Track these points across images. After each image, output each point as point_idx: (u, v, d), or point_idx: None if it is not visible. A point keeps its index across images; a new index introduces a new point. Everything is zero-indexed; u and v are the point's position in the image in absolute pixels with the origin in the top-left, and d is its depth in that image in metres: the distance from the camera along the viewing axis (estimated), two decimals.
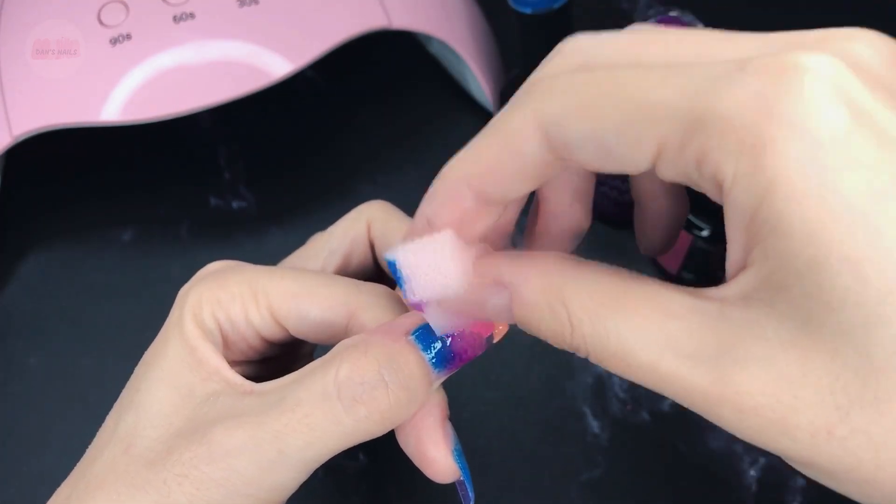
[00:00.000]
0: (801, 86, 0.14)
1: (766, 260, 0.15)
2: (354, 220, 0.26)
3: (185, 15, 0.35)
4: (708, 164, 0.15)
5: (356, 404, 0.20)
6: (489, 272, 0.19)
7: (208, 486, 0.20)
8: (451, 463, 0.21)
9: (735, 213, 0.15)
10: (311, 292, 0.23)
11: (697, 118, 0.15)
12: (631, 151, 0.16)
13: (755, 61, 0.15)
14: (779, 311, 0.15)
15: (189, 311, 0.23)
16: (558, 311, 0.18)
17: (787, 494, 0.34)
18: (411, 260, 0.19)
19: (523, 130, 0.17)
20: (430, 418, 0.21)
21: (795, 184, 0.14)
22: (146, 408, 0.22)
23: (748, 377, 0.15)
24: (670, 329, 0.16)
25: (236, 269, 0.24)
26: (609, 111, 0.16)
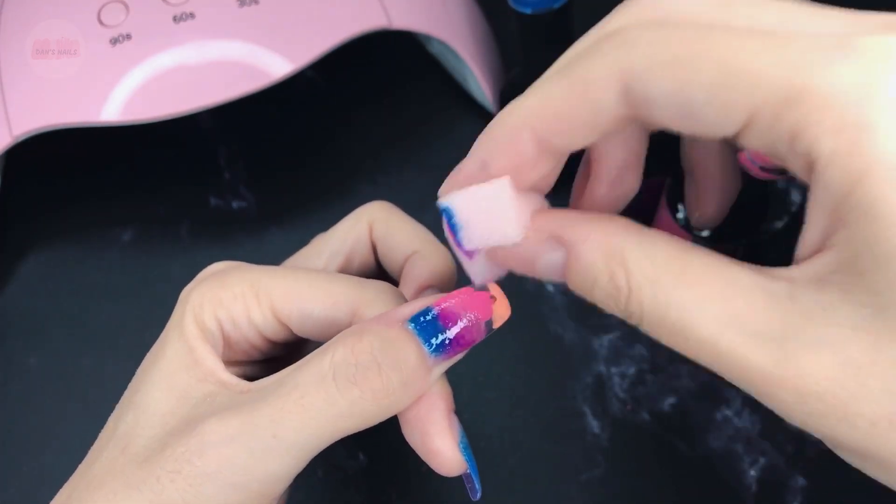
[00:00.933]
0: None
1: (850, 244, 0.14)
2: (356, 221, 0.26)
3: (185, 15, 0.35)
4: (802, 140, 0.15)
5: (350, 385, 0.20)
6: (547, 226, 0.18)
7: (201, 480, 0.20)
8: (458, 455, 0.21)
9: (824, 192, 0.15)
10: (314, 290, 0.23)
11: (797, 91, 0.14)
12: (719, 116, 0.15)
13: (859, 40, 0.14)
14: (855, 296, 0.15)
15: (190, 312, 0.23)
16: (617, 274, 0.17)
17: (787, 494, 0.34)
18: (469, 206, 0.19)
19: (603, 80, 0.16)
20: (436, 411, 0.21)
21: (894, 169, 0.14)
22: (144, 408, 0.22)
23: (814, 361, 0.15)
24: (735, 304, 0.16)
25: (238, 269, 0.24)
26: (701, 71, 0.15)
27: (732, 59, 0.15)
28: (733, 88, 0.15)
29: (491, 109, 0.42)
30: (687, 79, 0.15)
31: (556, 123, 0.17)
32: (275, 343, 0.24)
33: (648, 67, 0.16)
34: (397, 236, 0.25)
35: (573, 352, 0.37)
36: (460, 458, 0.21)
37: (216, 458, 0.20)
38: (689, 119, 0.16)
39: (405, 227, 0.25)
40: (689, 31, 0.16)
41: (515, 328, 0.39)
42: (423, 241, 0.25)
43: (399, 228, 0.25)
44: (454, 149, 0.42)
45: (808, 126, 0.14)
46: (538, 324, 0.37)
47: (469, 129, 0.43)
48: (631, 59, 0.16)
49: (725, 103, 0.15)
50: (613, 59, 0.16)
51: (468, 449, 0.22)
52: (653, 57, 0.16)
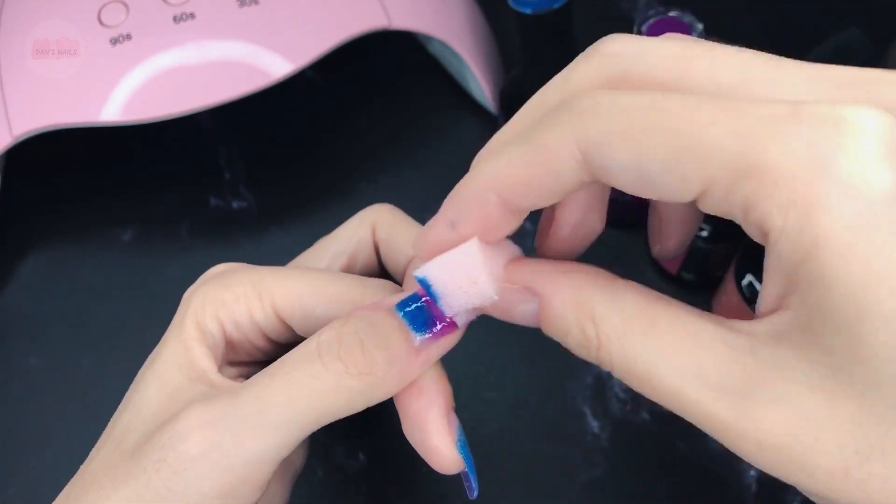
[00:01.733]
0: (856, 144, 0.14)
1: (804, 308, 0.15)
2: (360, 223, 0.26)
3: (185, 15, 0.35)
4: (755, 213, 0.15)
5: (334, 359, 0.20)
6: (520, 278, 0.19)
7: (185, 465, 0.20)
8: (455, 454, 0.22)
9: (778, 261, 0.15)
10: (316, 290, 0.23)
11: (748, 165, 0.15)
12: (675, 186, 0.16)
13: (809, 109, 0.15)
14: (811, 356, 0.15)
15: (191, 314, 0.23)
16: (587, 328, 0.18)
17: (787, 495, 0.34)
18: (443, 275, 0.20)
19: (562, 150, 0.17)
20: (435, 409, 0.22)
21: (843, 243, 0.14)
22: (138, 407, 0.22)
23: (773, 415, 0.16)
24: (699, 358, 0.16)
25: (240, 270, 0.24)
26: (656, 144, 0.16)
27: (686, 131, 0.15)
28: (687, 161, 0.15)
29: (491, 109, 0.42)
30: (642, 152, 0.16)
31: (519, 188, 0.18)
32: (277, 344, 0.24)
33: (605, 140, 0.16)
34: (400, 238, 0.26)
35: (569, 351, 0.37)
36: (458, 457, 0.22)
37: (200, 442, 0.20)
38: (647, 188, 0.16)
39: (408, 230, 0.26)
40: (645, 99, 0.16)
41: (515, 328, 0.39)
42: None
43: (402, 230, 0.26)
44: (454, 149, 0.43)
45: (760, 200, 0.15)
46: None
47: (469, 129, 0.43)
48: (588, 130, 0.16)
49: (680, 175, 0.16)
50: (571, 130, 0.17)
51: (466, 447, 0.22)
52: (609, 129, 0.16)
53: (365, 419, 0.36)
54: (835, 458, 0.15)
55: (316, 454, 0.35)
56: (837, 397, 0.15)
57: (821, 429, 0.15)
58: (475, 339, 0.37)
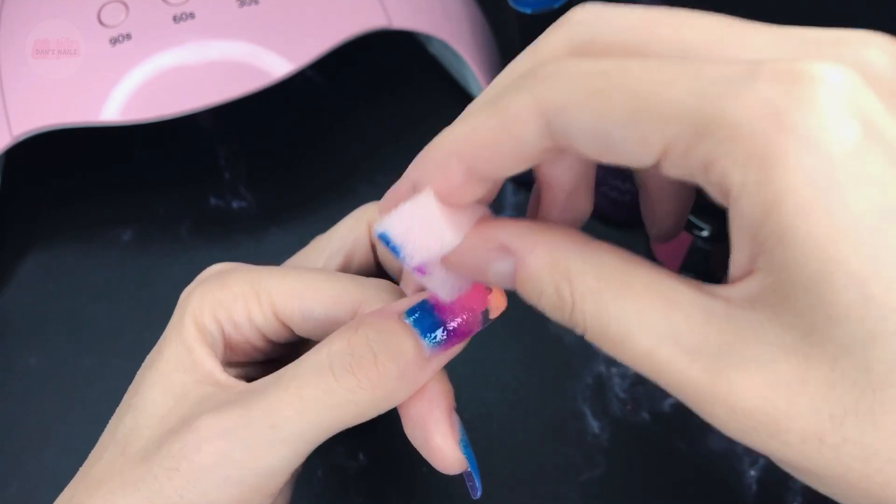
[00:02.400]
0: (814, 98, 0.14)
1: (772, 270, 0.15)
2: (356, 222, 0.26)
3: (185, 15, 0.35)
4: (714, 171, 0.15)
5: (346, 373, 0.20)
6: (496, 235, 0.19)
7: (198, 475, 0.20)
8: (458, 453, 0.22)
9: (741, 221, 0.15)
10: (315, 290, 0.23)
11: (706, 123, 0.15)
12: (635, 148, 0.16)
13: (768, 67, 0.14)
14: (783, 318, 0.15)
15: (190, 314, 0.23)
16: (561, 287, 0.17)
17: (787, 495, 0.34)
18: (400, 226, 0.19)
19: (523, 115, 0.17)
20: (437, 409, 0.22)
21: (804, 198, 0.14)
22: (142, 409, 0.22)
23: (745, 378, 0.15)
24: (673, 319, 0.16)
25: (238, 269, 0.24)
26: (615, 106, 0.15)
27: (644, 92, 0.15)
28: (646, 122, 0.15)
29: None
30: (602, 114, 0.16)
31: (482, 154, 0.18)
32: (276, 344, 0.24)
33: (566, 103, 0.16)
34: None
35: (573, 352, 0.37)
36: (461, 457, 0.22)
37: (213, 453, 0.20)
38: (608, 151, 0.16)
39: None
40: (606, 64, 0.16)
41: (515, 328, 0.39)
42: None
43: None
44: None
45: (718, 158, 0.15)
46: (538, 324, 0.37)
47: None
48: (550, 93, 0.16)
49: (640, 137, 0.15)
50: (534, 95, 0.16)
51: (469, 447, 0.22)
52: (570, 92, 0.16)
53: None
54: (808, 423, 0.15)
55: (316, 454, 0.35)
56: (811, 360, 0.15)
57: (794, 392, 0.15)
58: (475, 338, 0.37)
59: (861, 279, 0.14)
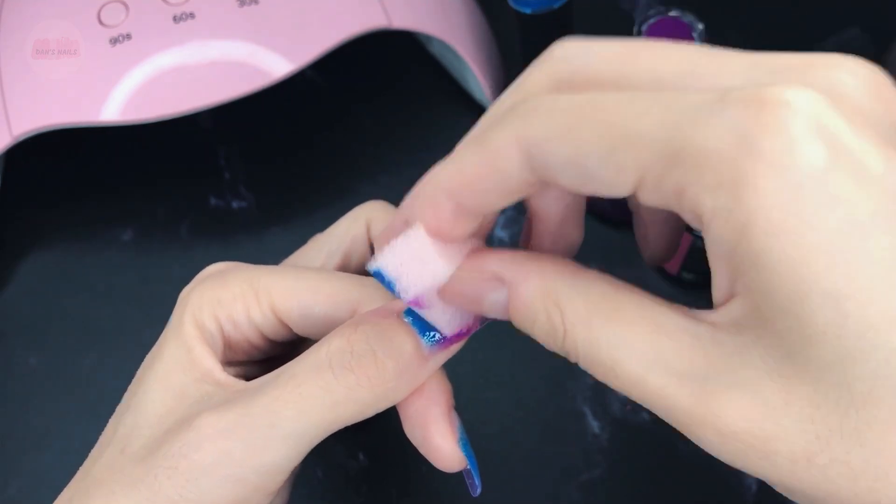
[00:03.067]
0: (780, 122, 0.14)
1: (750, 293, 0.15)
2: (353, 220, 0.26)
3: (185, 15, 0.35)
4: (686, 197, 0.15)
5: (345, 371, 0.20)
6: (489, 266, 0.19)
7: (197, 474, 0.20)
8: (458, 451, 0.22)
9: (715, 246, 0.15)
10: (314, 288, 0.23)
11: (677, 151, 0.15)
12: (612, 178, 0.16)
13: (735, 93, 0.15)
14: (766, 341, 0.15)
15: (189, 313, 0.23)
16: (553, 315, 0.18)
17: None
18: (393, 261, 0.20)
19: (505, 150, 0.17)
20: (436, 407, 0.22)
21: (774, 220, 0.14)
22: (142, 409, 0.22)
23: (732, 402, 0.15)
24: (661, 346, 0.16)
25: (237, 269, 0.24)
26: (591, 138, 0.16)
27: (618, 123, 0.16)
28: (621, 152, 0.15)
29: None
30: (579, 146, 0.16)
31: (468, 190, 0.18)
32: (275, 343, 0.24)
33: (545, 136, 0.16)
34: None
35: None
36: (460, 455, 0.22)
37: (213, 451, 0.20)
38: (587, 182, 0.16)
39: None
40: (582, 98, 0.16)
41: (515, 328, 0.39)
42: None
43: None
44: (454, 149, 0.42)
45: (689, 184, 0.15)
46: None
47: (469, 129, 0.43)
48: (529, 128, 0.17)
49: (616, 167, 0.16)
50: (514, 130, 0.17)
51: (468, 445, 0.22)
52: (548, 127, 0.16)
53: (365, 419, 0.36)
54: (796, 444, 0.15)
55: (316, 454, 0.35)
56: (793, 381, 0.15)
57: (780, 414, 0.15)
58: (475, 338, 0.37)
59: (835, 298, 0.14)
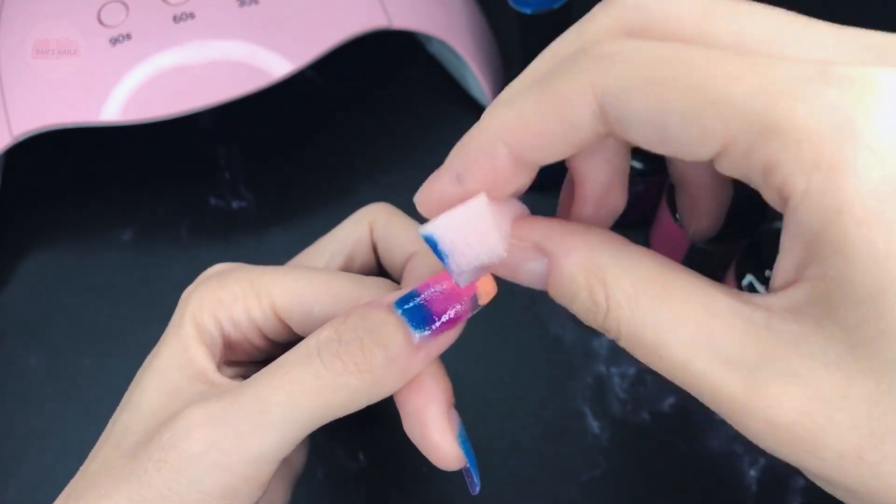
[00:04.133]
0: (884, 108, 0.14)
1: (823, 280, 0.15)
2: (357, 223, 0.26)
3: (185, 15, 0.35)
4: (776, 174, 0.14)
5: (333, 358, 0.20)
6: (530, 235, 0.18)
7: (186, 464, 0.20)
8: (457, 450, 0.22)
9: (798, 228, 0.15)
10: (315, 288, 0.23)
11: (773, 124, 0.14)
12: (693, 142, 0.15)
13: (838, 72, 0.14)
14: (828, 331, 0.15)
15: (189, 313, 0.23)
16: (596, 291, 0.17)
17: (788, 494, 0.34)
18: (450, 232, 0.19)
19: (578, 99, 0.16)
20: (435, 405, 0.22)
21: (869, 209, 0.14)
22: (137, 406, 0.22)
23: (785, 392, 0.15)
24: (711, 329, 0.16)
25: (239, 269, 0.24)
26: (676, 96, 0.15)
27: (709, 85, 0.15)
28: (708, 116, 0.15)
29: None
30: (662, 103, 0.15)
31: (531, 138, 0.17)
32: (276, 343, 0.24)
33: (624, 88, 0.15)
34: (398, 237, 0.25)
35: (573, 352, 0.37)
36: (459, 453, 0.22)
37: (201, 440, 0.20)
38: (664, 142, 0.16)
39: (406, 228, 0.26)
40: (668, 50, 0.15)
41: (515, 328, 0.39)
42: (423, 241, 0.25)
43: (400, 229, 0.26)
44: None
45: (783, 161, 0.14)
46: (538, 324, 0.37)
47: (469, 128, 0.43)
48: (607, 78, 0.16)
49: (700, 130, 0.15)
50: (589, 77, 0.16)
51: (467, 443, 0.22)
52: (629, 77, 0.15)
53: (365, 419, 0.36)
54: (847, 439, 0.15)
55: (316, 454, 0.35)
56: (854, 375, 0.14)
57: (834, 408, 0.15)
58: (475, 338, 0.37)
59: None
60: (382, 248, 0.26)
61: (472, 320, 0.22)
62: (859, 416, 0.14)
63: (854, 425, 0.15)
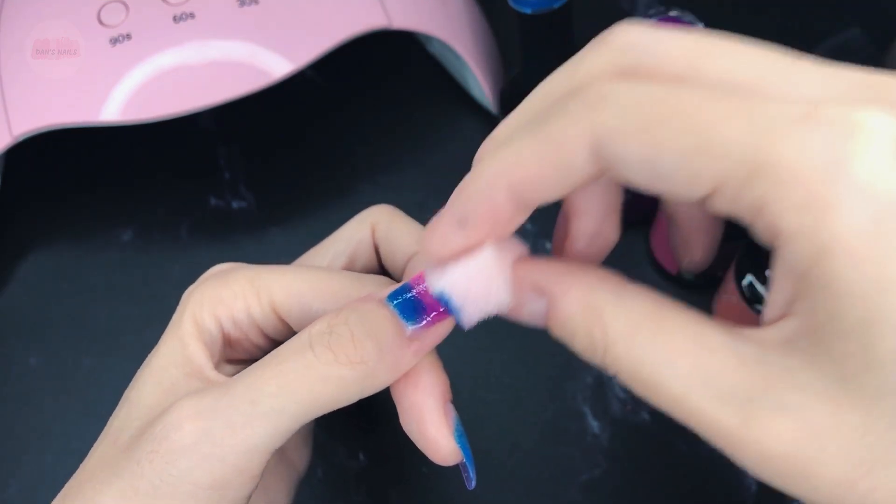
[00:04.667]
0: (870, 147, 0.14)
1: (812, 314, 0.15)
2: (359, 224, 0.26)
3: (185, 15, 0.35)
4: (766, 213, 0.15)
5: (325, 350, 0.20)
6: (530, 277, 0.19)
7: (177, 455, 0.20)
8: (453, 444, 0.22)
9: (787, 265, 0.15)
10: (313, 286, 0.23)
11: (762, 165, 0.14)
12: (686, 182, 0.15)
13: (825, 113, 0.14)
14: (818, 364, 0.15)
15: (189, 311, 0.23)
16: (593, 330, 0.18)
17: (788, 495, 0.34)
18: (460, 288, 0.19)
19: (574, 142, 0.16)
20: (431, 399, 0.22)
21: (855, 247, 0.14)
22: (134, 402, 0.22)
23: (777, 424, 0.15)
24: (705, 364, 0.16)
25: (239, 268, 0.24)
26: (670, 138, 0.15)
27: (700, 126, 0.15)
28: (700, 157, 0.15)
29: (491, 109, 0.42)
30: (655, 146, 0.15)
31: (529, 182, 0.17)
32: (276, 342, 0.24)
33: (618, 130, 0.16)
34: (399, 238, 0.26)
35: (573, 352, 0.37)
36: (455, 447, 0.22)
37: (192, 431, 0.20)
38: (658, 182, 0.16)
39: (407, 229, 0.26)
40: (659, 92, 0.16)
41: (515, 328, 0.39)
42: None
43: (401, 230, 0.26)
44: (454, 149, 0.43)
45: (773, 201, 0.15)
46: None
47: (469, 129, 0.43)
48: (601, 120, 0.16)
49: (693, 171, 0.15)
50: (584, 121, 0.16)
51: (463, 437, 0.22)
52: (623, 120, 0.16)
53: (365, 419, 0.36)
54: (840, 469, 0.15)
55: (316, 454, 0.35)
56: (844, 406, 0.15)
57: (826, 438, 0.15)
58: (475, 339, 0.37)
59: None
60: (384, 250, 0.26)
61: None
62: (850, 446, 0.15)
63: (846, 455, 0.15)
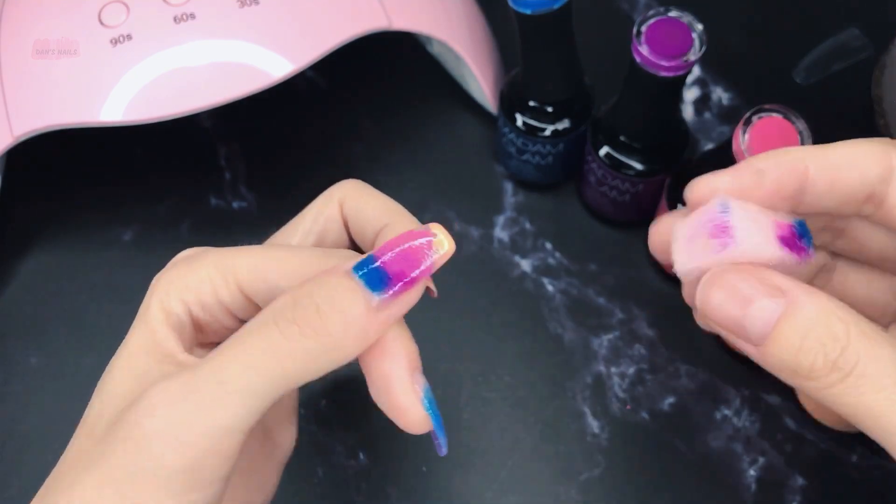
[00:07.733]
0: None
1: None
2: (327, 200, 0.26)
3: (186, 15, 0.35)
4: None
5: (290, 324, 0.20)
6: (770, 278, 0.20)
7: (149, 441, 0.20)
8: (422, 411, 0.21)
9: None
10: (279, 264, 0.23)
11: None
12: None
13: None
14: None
15: (156, 298, 0.23)
16: (836, 327, 0.19)
17: (787, 494, 0.34)
18: (744, 220, 0.21)
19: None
20: (399, 368, 0.21)
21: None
22: (107, 392, 0.22)
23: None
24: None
25: (205, 252, 0.24)
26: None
27: None
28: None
29: (491, 109, 0.42)
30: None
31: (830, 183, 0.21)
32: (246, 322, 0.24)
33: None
34: (368, 211, 0.25)
35: (573, 352, 0.37)
36: (425, 415, 0.22)
37: (163, 416, 0.20)
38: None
39: (375, 202, 0.25)
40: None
41: (515, 328, 0.39)
42: (393, 213, 0.25)
43: (369, 203, 0.25)
44: (454, 149, 0.43)
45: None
46: (538, 324, 0.37)
47: (469, 129, 0.43)
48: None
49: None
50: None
51: (434, 405, 0.22)
52: None
53: (365, 418, 0.36)
54: None
55: (316, 454, 0.35)
56: None
57: None
58: (475, 339, 0.38)
59: None
60: (353, 224, 0.26)
61: (473, 320, 0.22)
62: None
63: None
